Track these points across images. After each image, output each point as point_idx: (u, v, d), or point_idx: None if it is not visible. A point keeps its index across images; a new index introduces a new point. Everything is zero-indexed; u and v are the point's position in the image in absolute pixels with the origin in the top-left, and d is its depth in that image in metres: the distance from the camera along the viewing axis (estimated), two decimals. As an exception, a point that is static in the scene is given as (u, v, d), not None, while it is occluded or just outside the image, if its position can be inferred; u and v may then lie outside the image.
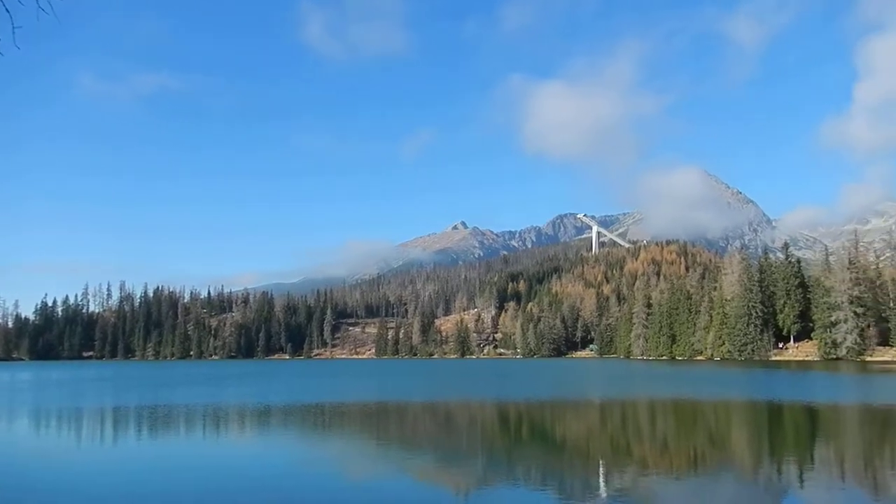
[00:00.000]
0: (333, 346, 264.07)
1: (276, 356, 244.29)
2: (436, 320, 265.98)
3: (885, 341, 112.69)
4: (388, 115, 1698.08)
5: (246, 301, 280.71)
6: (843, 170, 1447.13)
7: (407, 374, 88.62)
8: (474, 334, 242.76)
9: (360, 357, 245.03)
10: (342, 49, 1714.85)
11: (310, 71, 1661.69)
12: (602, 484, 16.26)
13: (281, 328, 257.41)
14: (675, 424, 29.64)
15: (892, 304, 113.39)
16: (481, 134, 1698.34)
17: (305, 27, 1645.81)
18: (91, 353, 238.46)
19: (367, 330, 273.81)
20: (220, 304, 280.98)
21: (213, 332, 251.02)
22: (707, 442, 23.48)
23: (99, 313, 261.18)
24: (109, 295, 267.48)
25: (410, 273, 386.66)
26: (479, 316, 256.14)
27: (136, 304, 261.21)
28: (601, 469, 18.38)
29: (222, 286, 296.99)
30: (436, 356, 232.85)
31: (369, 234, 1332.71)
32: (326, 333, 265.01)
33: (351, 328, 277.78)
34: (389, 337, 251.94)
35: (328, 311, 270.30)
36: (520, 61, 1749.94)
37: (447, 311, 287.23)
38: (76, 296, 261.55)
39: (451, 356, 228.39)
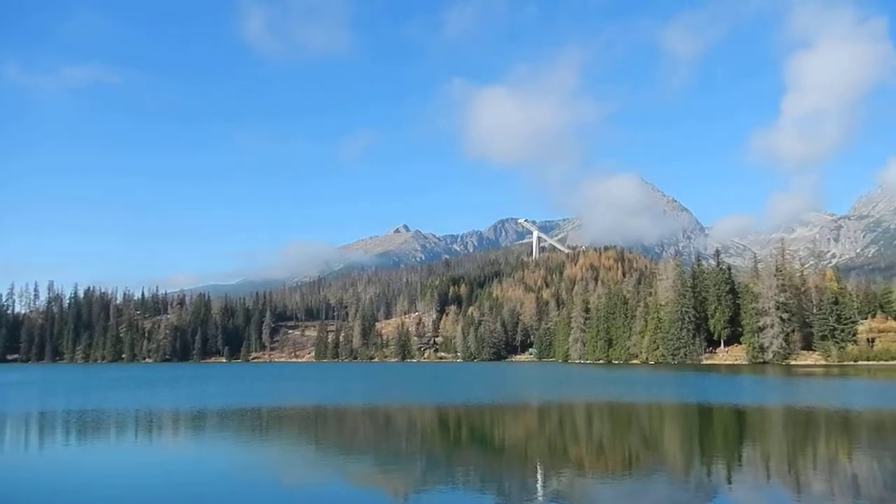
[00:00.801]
0: (272, 349, 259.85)
1: (212, 359, 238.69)
2: (377, 323, 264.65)
3: (808, 346, 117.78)
4: (331, 116, 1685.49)
5: (182, 303, 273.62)
6: (772, 180, 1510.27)
7: (347, 377, 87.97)
8: (415, 338, 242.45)
9: (299, 360, 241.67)
10: (285, 48, 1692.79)
11: (251, 69, 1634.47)
12: (540, 486, 16.54)
13: (218, 331, 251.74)
14: (610, 427, 30.31)
15: (815, 311, 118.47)
16: (424, 137, 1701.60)
17: (246, 24, 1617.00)
18: (16, 356, 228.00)
19: (306, 333, 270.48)
20: (155, 305, 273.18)
21: (146, 334, 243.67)
22: (641, 444, 24.10)
23: (25, 314, 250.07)
24: (37, 295, 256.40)
25: (352, 276, 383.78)
26: (421, 319, 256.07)
27: (66, 304, 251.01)
28: (539, 471, 18.68)
29: (157, 287, 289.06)
30: (376, 360, 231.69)
31: (310, 235, 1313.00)
32: (265, 336, 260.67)
33: (290, 331, 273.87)
34: (329, 340, 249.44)
35: (267, 314, 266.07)
36: (462, 65, 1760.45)
37: (388, 315, 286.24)
38: (1, 296, 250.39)
39: (392, 360, 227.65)
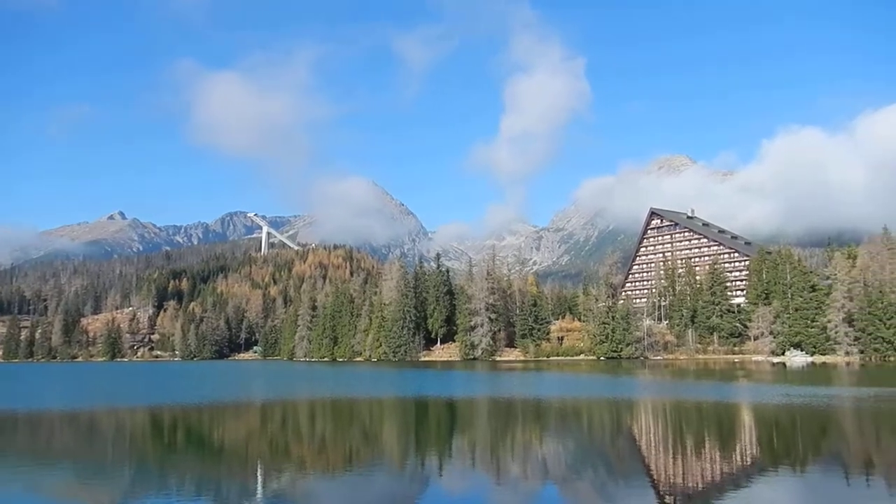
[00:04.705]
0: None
1: None
2: (82, 319, 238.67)
3: (511, 343, 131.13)
4: (31, 83, 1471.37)
5: None
6: (489, 191, 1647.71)
7: (42, 379, 78.02)
8: (128, 335, 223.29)
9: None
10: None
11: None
12: (259, 487, 16.40)
13: None
14: (332, 423, 30.92)
15: (518, 312, 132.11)
16: (145, 118, 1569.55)
17: None
18: None
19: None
20: None
21: None
22: (362, 438, 24.97)
23: None
24: None
25: (54, 265, 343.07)
26: (135, 315, 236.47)
27: None
28: (259, 472, 18.48)
29: None
30: (80, 359, 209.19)
31: (4, 217, 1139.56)
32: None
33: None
34: (23, 337, 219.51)
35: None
36: (191, 44, 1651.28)
37: (97, 310, 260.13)
38: None
39: (100, 359, 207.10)
